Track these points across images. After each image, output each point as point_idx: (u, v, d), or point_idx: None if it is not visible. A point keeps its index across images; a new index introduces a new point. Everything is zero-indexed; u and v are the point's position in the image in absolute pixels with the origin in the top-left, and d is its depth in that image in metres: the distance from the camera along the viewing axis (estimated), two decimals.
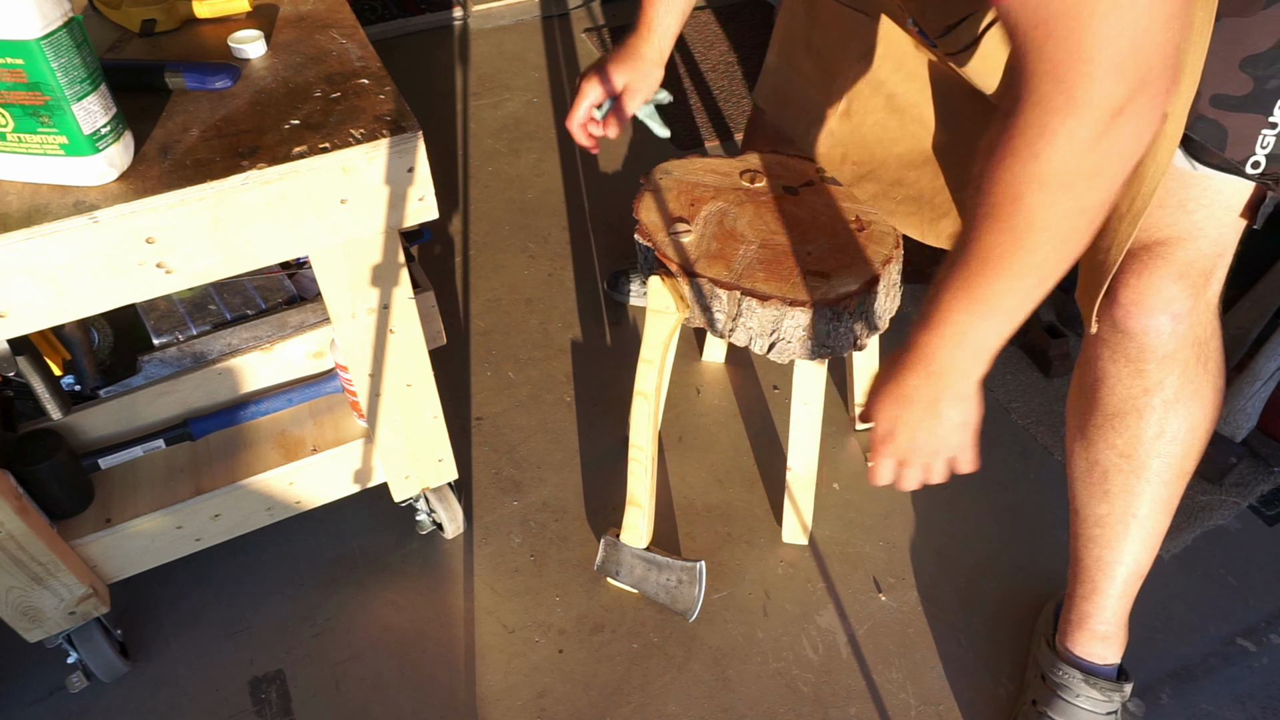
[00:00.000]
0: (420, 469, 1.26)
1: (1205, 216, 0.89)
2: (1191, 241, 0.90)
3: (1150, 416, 0.98)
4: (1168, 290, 0.91)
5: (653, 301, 1.19)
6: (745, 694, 1.22)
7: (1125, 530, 1.04)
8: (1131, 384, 0.98)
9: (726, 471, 1.50)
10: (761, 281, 1.13)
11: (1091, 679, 1.10)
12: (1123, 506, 1.03)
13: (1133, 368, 0.97)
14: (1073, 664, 1.12)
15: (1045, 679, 1.14)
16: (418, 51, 2.56)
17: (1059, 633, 1.16)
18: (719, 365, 1.68)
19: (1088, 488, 1.06)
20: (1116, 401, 1.00)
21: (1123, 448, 1.01)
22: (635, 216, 1.24)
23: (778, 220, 1.23)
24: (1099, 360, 1.00)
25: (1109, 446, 1.02)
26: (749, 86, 2.39)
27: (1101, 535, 1.07)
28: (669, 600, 1.29)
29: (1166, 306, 0.92)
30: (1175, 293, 0.91)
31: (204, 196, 0.84)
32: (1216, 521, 1.42)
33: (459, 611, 1.31)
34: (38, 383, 0.99)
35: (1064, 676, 1.12)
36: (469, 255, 1.91)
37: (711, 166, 1.32)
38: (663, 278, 1.17)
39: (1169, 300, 0.92)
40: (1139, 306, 0.93)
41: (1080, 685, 1.10)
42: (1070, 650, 1.13)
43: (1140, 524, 1.04)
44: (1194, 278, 0.91)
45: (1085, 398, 1.04)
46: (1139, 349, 0.96)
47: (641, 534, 1.30)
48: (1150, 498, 1.02)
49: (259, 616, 1.30)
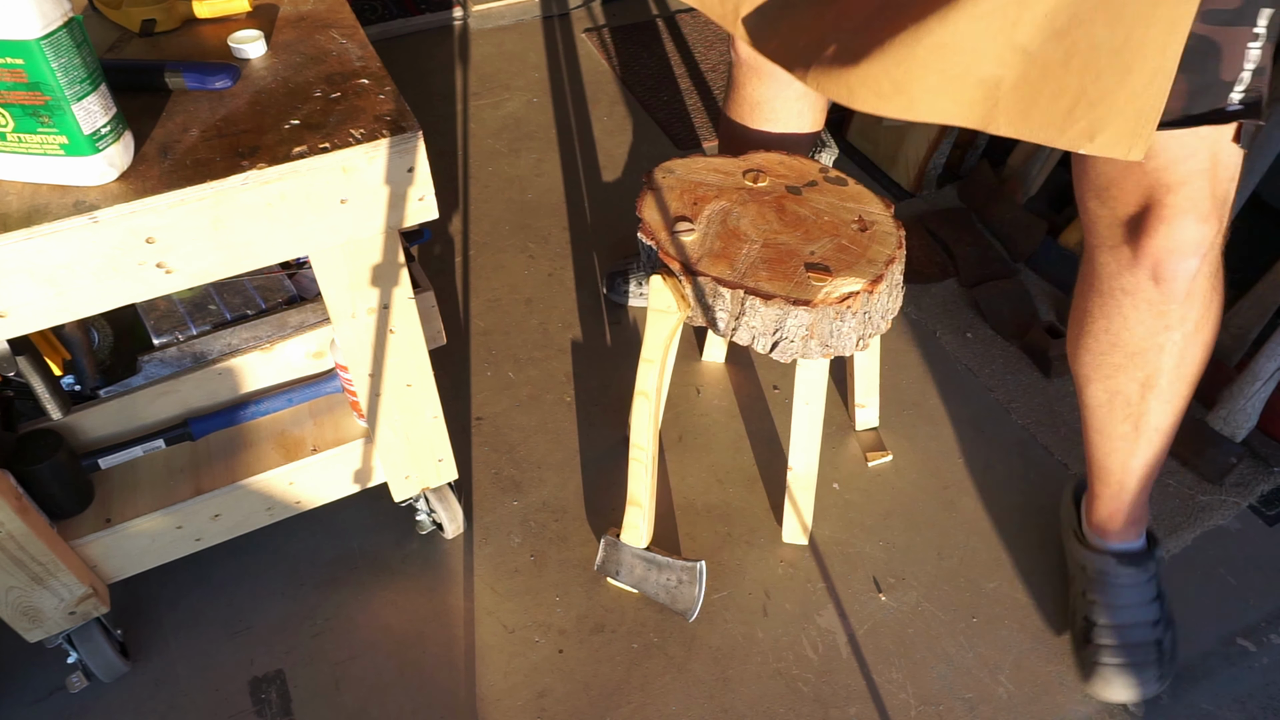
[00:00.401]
0: (420, 469, 1.26)
1: (1218, 145, 0.88)
2: (1212, 174, 0.90)
3: (1172, 350, 1.02)
4: (1197, 233, 0.92)
5: (654, 301, 1.19)
6: (745, 694, 1.22)
7: (1149, 441, 1.11)
8: (1154, 324, 1.00)
9: (726, 471, 1.50)
10: (765, 280, 1.13)
11: (1126, 558, 1.21)
12: (1145, 423, 1.10)
13: (1156, 310, 0.99)
14: (1109, 553, 1.22)
15: (1086, 569, 1.24)
16: (418, 51, 2.56)
17: (1092, 527, 1.25)
18: (719, 365, 1.68)
19: (1111, 413, 1.11)
20: (1138, 341, 1.03)
21: (1145, 379, 1.05)
22: (638, 215, 1.24)
23: (781, 219, 1.23)
24: (1120, 307, 1.02)
25: (1130, 379, 1.06)
26: None
27: (1125, 447, 1.13)
28: (669, 600, 1.29)
29: (1196, 249, 0.93)
30: (1204, 233, 0.92)
31: (204, 196, 0.84)
32: (1216, 521, 1.42)
33: (459, 611, 1.31)
34: (38, 383, 0.99)
35: (1104, 564, 1.21)
36: (469, 255, 1.91)
37: (714, 166, 1.32)
38: (664, 277, 1.17)
39: (1199, 242, 0.92)
40: (1172, 255, 0.93)
41: (1119, 568, 1.21)
42: (1104, 542, 1.23)
43: (1162, 433, 1.11)
44: (1218, 210, 0.92)
45: (1102, 338, 1.07)
46: (1165, 294, 0.97)
47: (642, 534, 1.29)
48: (1171, 411, 1.09)
49: (259, 616, 1.30)
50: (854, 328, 1.16)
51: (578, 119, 2.27)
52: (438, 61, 2.51)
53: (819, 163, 1.33)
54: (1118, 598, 1.20)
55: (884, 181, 2.07)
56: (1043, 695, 1.23)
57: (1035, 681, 1.24)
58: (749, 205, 1.26)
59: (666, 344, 1.21)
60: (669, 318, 1.19)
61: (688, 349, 1.71)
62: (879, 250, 1.19)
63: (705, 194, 1.27)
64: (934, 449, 1.54)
